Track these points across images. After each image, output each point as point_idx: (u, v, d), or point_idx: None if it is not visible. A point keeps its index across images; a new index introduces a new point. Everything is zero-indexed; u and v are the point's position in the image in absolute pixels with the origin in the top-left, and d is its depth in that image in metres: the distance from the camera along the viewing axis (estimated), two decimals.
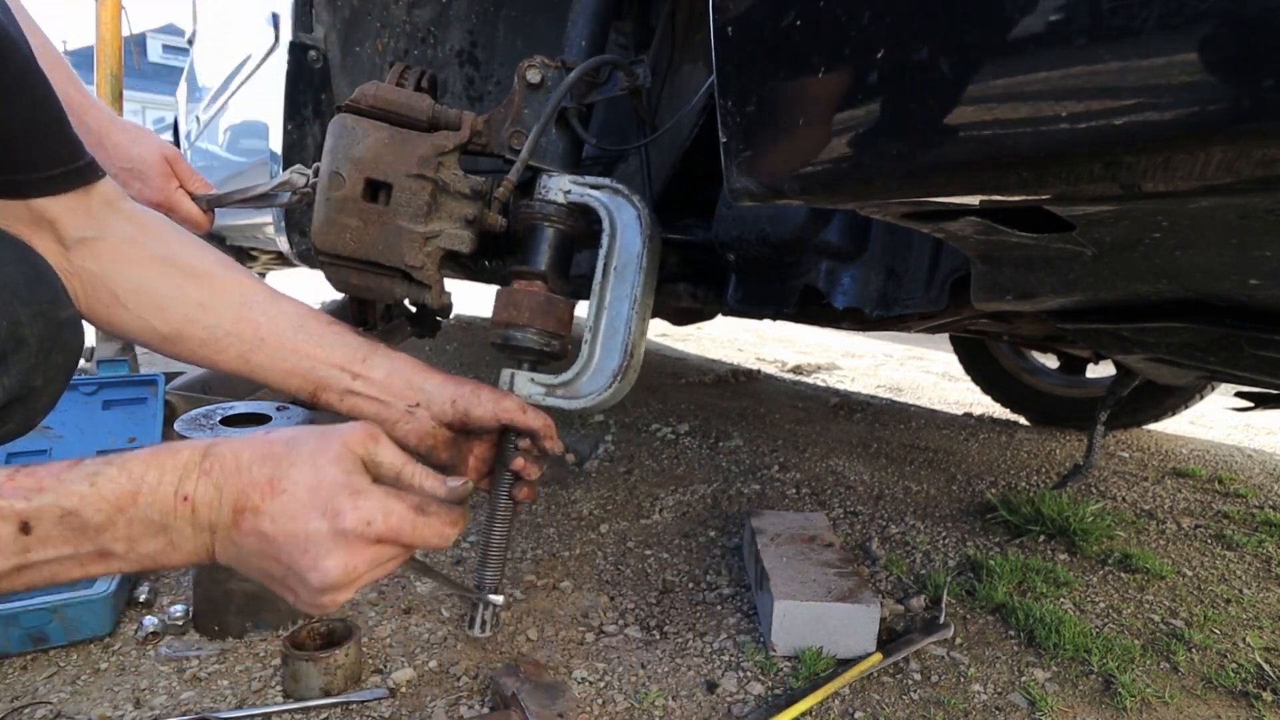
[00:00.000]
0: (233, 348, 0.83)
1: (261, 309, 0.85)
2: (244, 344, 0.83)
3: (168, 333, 0.81)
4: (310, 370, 0.86)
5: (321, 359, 0.86)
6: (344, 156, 0.88)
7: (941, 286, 0.97)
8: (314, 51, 1.42)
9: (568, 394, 0.94)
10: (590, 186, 0.94)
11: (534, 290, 0.94)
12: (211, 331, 0.82)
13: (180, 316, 0.81)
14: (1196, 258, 0.56)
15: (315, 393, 0.88)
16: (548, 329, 0.93)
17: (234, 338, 0.83)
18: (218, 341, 0.83)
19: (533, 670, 0.92)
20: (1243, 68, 0.34)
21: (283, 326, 0.85)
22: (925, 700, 0.96)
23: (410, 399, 0.88)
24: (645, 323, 0.96)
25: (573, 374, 0.94)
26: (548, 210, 0.94)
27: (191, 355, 0.84)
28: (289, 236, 1.59)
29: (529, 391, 0.94)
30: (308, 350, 0.86)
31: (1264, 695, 1.00)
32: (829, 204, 0.71)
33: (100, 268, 0.77)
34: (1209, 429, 2.75)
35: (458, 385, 0.88)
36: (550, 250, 0.96)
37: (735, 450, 2.01)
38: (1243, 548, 1.52)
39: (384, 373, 0.87)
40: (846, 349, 4.66)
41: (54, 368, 0.67)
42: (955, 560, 1.39)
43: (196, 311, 0.82)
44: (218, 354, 0.84)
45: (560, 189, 0.94)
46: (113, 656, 0.99)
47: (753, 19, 0.58)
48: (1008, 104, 0.42)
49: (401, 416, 0.88)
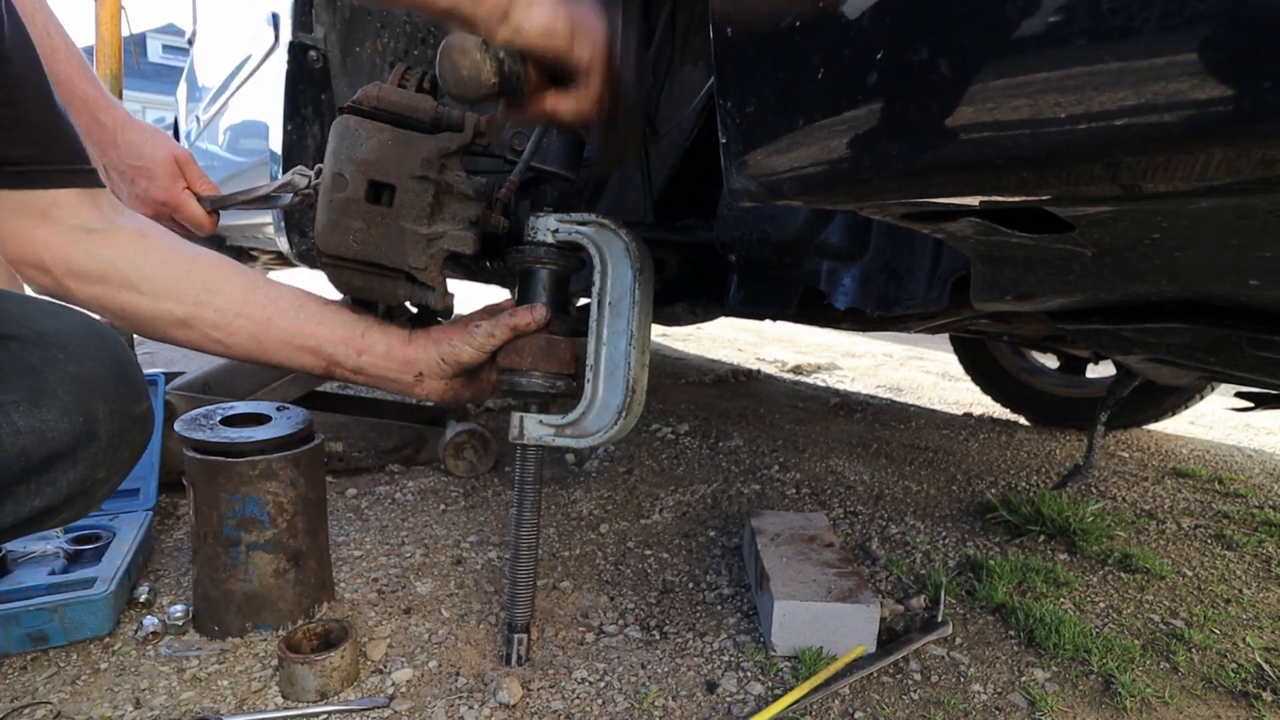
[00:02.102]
0: (244, 329, 0.87)
1: (264, 292, 0.89)
2: (254, 324, 0.87)
3: (182, 315, 0.85)
4: (318, 347, 0.91)
5: (326, 336, 0.91)
6: (347, 158, 0.88)
7: (942, 287, 0.97)
8: (314, 51, 1.42)
9: (576, 432, 0.96)
10: (577, 223, 0.95)
11: (534, 334, 0.96)
12: (223, 314, 0.86)
13: (192, 299, 0.84)
14: (1196, 258, 0.56)
15: (329, 368, 0.93)
16: (552, 371, 0.96)
17: (244, 319, 0.87)
18: (229, 324, 0.86)
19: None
20: (1243, 68, 0.34)
21: (284, 307, 0.90)
22: (925, 700, 0.96)
23: (413, 369, 0.94)
24: (645, 354, 0.97)
25: (579, 413, 0.96)
26: (539, 253, 0.96)
27: (204, 339, 0.87)
28: (289, 237, 1.59)
29: (539, 434, 0.97)
30: (311, 329, 0.90)
31: (1264, 695, 1.00)
32: (829, 205, 0.71)
33: (116, 255, 0.80)
34: (1209, 429, 2.75)
35: (435, 344, 0.94)
36: (547, 292, 0.98)
37: (735, 450, 2.01)
38: (1243, 548, 1.52)
39: (383, 347, 0.93)
40: (846, 349, 4.66)
41: (119, 462, 0.71)
42: (955, 560, 1.39)
43: (206, 295, 0.85)
44: (230, 335, 0.87)
45: (548, 229, 0.96)
46: (113, 656, 0.99)
47: (752, 20, 0.58)
48: (1007, 104, 0.42)
49: (413, 384, 0.95)
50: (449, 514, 1.53)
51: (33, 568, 1.09)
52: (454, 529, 1.44)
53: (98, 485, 0.69)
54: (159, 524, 1.38)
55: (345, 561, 1.27)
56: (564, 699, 0.94)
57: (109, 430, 0.67)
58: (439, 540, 1.39)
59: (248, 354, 0.90)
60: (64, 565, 1.11)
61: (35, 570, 1.08)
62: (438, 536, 1.40)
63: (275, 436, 1.02)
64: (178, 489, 1.28)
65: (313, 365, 0.92)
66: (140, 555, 1.19)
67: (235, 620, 1.03)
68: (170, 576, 1.20)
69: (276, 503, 1.01)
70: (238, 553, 1.01)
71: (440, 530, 1.43)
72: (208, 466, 0.99)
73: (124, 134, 1.00)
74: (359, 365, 0.93)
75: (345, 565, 1.26)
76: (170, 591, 1.15)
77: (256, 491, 1.00)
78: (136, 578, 1.16)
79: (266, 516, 1.01)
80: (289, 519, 1.03)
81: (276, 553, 1.02)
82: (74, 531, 1.18)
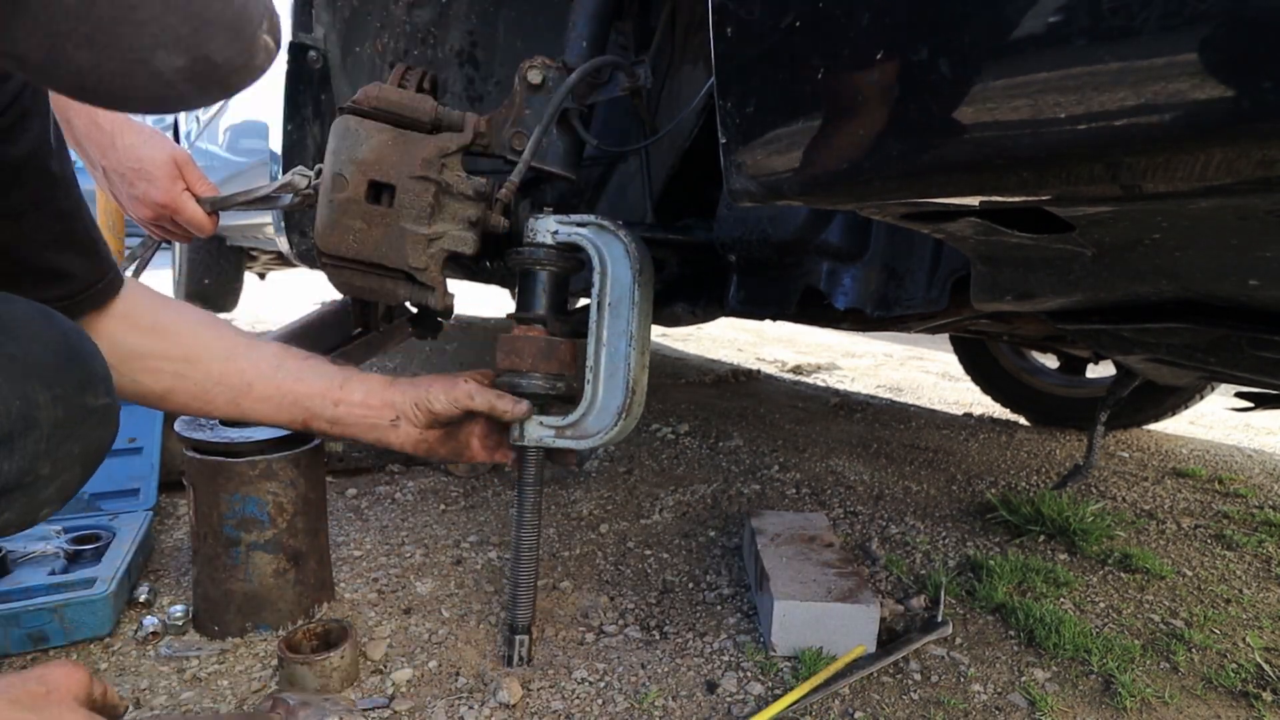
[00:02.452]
0: (221, 396, 0.91)
1: (244, 357, 0.92)
2: (232, 391, 0.91)
3: (161, 391, 0.88)
4: (295, 403, 0.94)
5: (304, 392, 0.94)
6: (347, 158, 0.88)
7: (942, 287, 0.97)
8: (314, 52, 1.42)
9: (576, 434, 0.96)
10: (577, 225, 0.95)
11: (534, 335, 0.96)
12: (200, 385, 0.90)
13: (171, 374, 0.88)
14: (1196, 258, 0.56)
15: (306, 421, 0.95)
16: (551, 372, 0.96)
17: (222, 387, 0.90)
18: (207, 393, 0.90)
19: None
20: (1243, 68, 0.34)
21: (264, 370, 0.93)
22: (925, 700, 0.96)
23: (390, 414, 0.97)
24: (645, 355, 0.97)
25: (579, 414, 0.96)
26: (538, 255, 0.96)
27: (185, 408, 0.92)
28: (289, 237, 1.59)
29: (539, 434, 0.97)
30: (289, 386, 0.93)
31: (1264, 695, 1.00)
32: (829, 205, 0.71)
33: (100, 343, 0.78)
34: (1209, 429, 2.75)
35: (414, 388, 0.97)
36: (547, 293, 0.98)
37: (735, 450, 2.01)
38: (1243, 548, 1.52)
39: (361, 394, 0.96)
40: (846, 349, 4.66)
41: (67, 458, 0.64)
42: (955, 560, 1.39)
43: (184, 368, 0.89)
44: (208, 404, 0.91)
45: (548, 230, 0.95)
46: (113, 656, 0.99)
47: (752, 20, 0.58)
48: (1007, 105, 0.42)
49: (389, 430, 0.97)
50: (449, 514, 1.53)
51: (33, 568, 1.09)
52: (454, 529, 1.44)
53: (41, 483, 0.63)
54: (159, 524, 1.38)
55: (345, 561, 1.27)
56: (564, 699, 0.94)
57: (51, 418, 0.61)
58: (439, 540, 1.39)
59: (227, 415, 0.94)
60: (64, 565, 1.11)
61: (35, 570, 1.08)
62: (438, 536, 1.40)
63: (275, 436, 1.02)
64: (178, 489, 1.27)
65: (290, 420, 0.94)
66: (140, 555, 1.19)
67: (235, 620, 1.03)
68: (170, 576, 1.20)
69: (276, 503, 1.01)
70: (238, 553, 1.01)
71: (440, 530, 1.43)
72: (208, 466, 0.99)
73: (122, 136, 1.00)
74: (335, 416, 0.94)
75: (345, 565, 1.26)
76: (170, 591, 1.15)
77: (256, 491, 1.00)
78: (136, 578, 1.16)
79: (266, 516, 1.01)
80: (289, 519, 1.03)
81: (276, 553, 1.02)
82: (74, 531, 1.18)
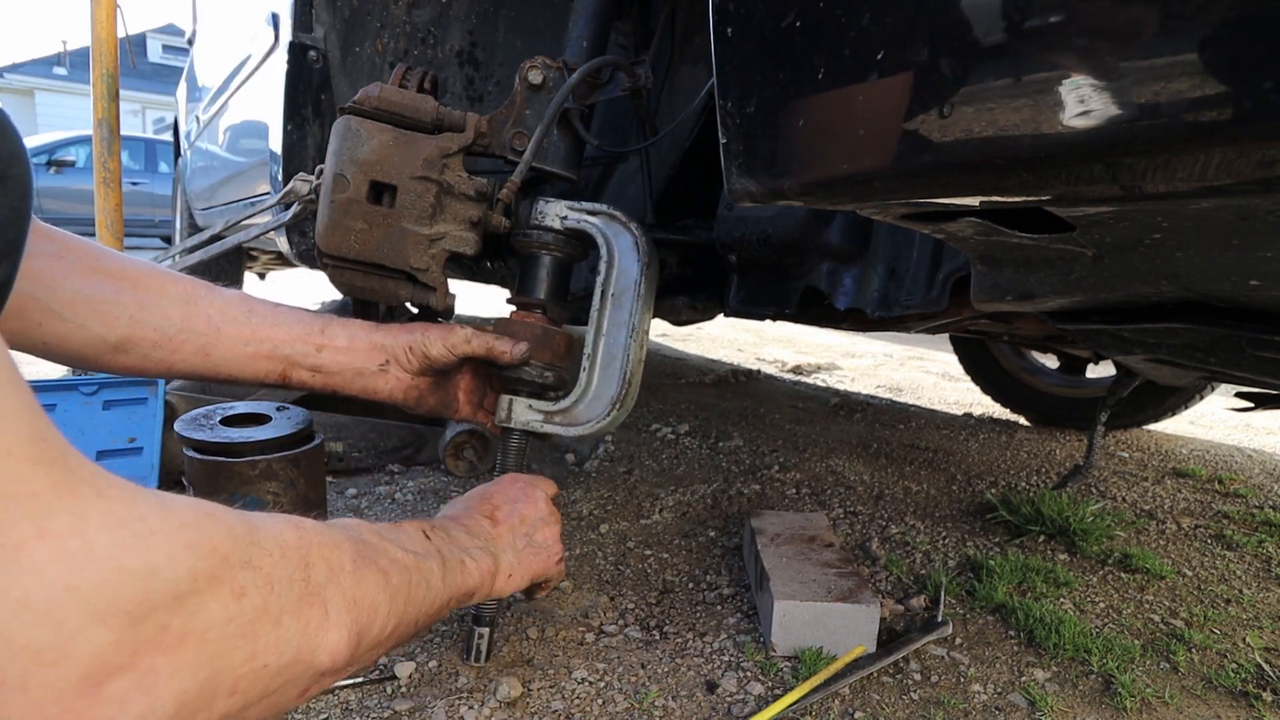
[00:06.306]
0: (189, 343, 0.79)
1: (207, 301, 0.81)
2: (200, 338, 0.80)
3: (115, 340, 0.75)
4: (274, 350, 0.84)
5: (281, 338, 0.84)
6: (348, 159, 0.88)
7: (942, 287, 0.97)
8: (314, 52, 1.42)
9: (566, 420, 0.95)
10: (587, 213, 0.94)
11: (531, 321, 0.95)
12: (162, 331, 0.77)
13: (126, 320, 0.75)
14: (1197, 258, 0.56)
15: (285, 372, 0.86)
16: (544, 360, 0.94)
17: (188, 333, 0.79)
18: (170, 340, 0.78)
19: None
20: (1243, 68, 0.34)
21: (234, 314, 0.82)
22: (925, 700, 0.96)
23: (378, 358, 0.90)
24: (643, 349, 0.97)
25: (571, 401, 0.95)
26: (545, 238, 0.95)
27: (145, 361, 0.78)
28: (290, 237, 1.59)
29: (527, 418, 0.95)
30: (265, 333, 0.83)
31: (1264, 695, 1.00)
32: (829, 205, 0.71)
33: (29, 285, 0.69)
34: (1209, 429, 2.75)
35: (409, 333, 0.91)
36: (548, 279, 0.97)
37: (735, 450, 2.01)
38: (1243, 548, 1.52)
39: (345, 338, 0.88)
40: (846, 349, 4.66)
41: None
42: (955, 560, 1.39)
43: (141, 313, 0.76)
44: (173, 354, 0.79)
45: (557, 214, 0.94)
46: None
47: (753, 20, 0.58)
48: (1008, 105, 0.42)
49: (377, 376, 0.90)
50: None
51: None
52: None
53: None
54: None
55: None
56: (564, 699, 0.94)
57: None
58: None
59: (193, 370, 0.81)
60: None
61: None
62: None
63: (275, 436, 1.02)
64: (178, 489, 1.27)
65: (267, 372, 0.84)
66: None
67: None
68: None
69: (276, 503, 1.01)
70: None
71: None
72: (207, 466, 0.99)
73: None
74: (318, 363, 0.86)
75: None
76: None
77: (256, 491, 1.00)
78: None
79: None
80: None
81: None
82: None
